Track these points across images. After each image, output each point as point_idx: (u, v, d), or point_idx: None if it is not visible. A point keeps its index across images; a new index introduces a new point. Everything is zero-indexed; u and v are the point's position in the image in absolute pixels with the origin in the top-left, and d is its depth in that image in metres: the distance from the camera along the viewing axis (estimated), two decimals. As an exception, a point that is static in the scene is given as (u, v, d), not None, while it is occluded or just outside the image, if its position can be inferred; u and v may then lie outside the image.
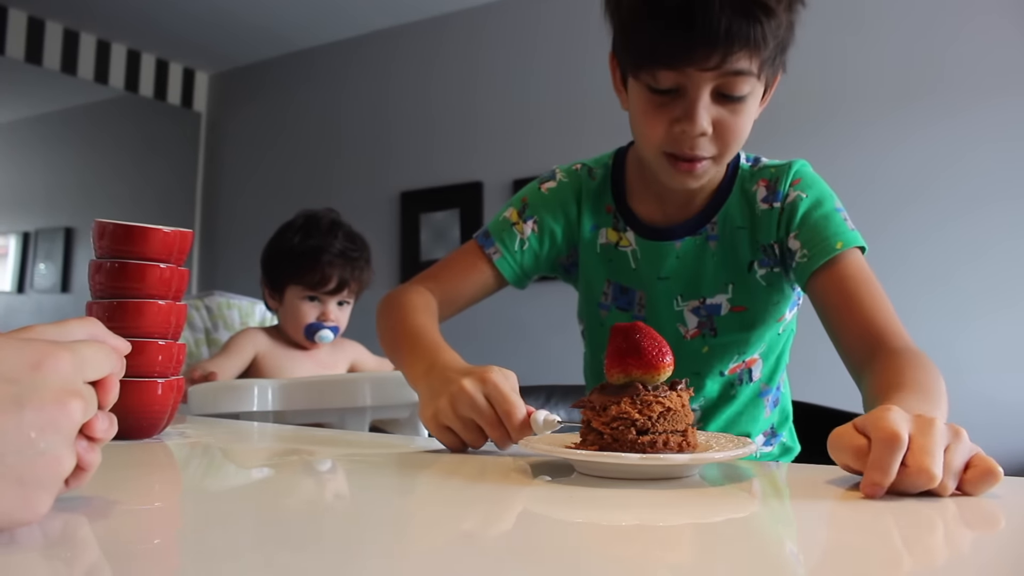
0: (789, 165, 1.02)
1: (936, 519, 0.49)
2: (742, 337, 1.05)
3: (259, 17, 3.81)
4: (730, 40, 0.82)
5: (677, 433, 0.62)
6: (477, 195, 3.56)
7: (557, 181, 1.12)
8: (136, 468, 0.67)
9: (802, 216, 0.97)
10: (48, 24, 3.79)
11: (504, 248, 1.07)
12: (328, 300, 1.74)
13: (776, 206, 0.99)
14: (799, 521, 0.51)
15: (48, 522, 0.41)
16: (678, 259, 1.04)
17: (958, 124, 2.61)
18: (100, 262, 0.81)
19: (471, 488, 0.60)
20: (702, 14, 0.81)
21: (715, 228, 1.03)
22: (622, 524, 0.48)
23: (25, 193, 4.06)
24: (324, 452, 0.82)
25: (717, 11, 0.81)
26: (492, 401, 0.72)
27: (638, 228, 1.06)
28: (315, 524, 0.47)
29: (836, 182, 1.05)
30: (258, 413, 1.29)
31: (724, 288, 1.04)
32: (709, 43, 0.83)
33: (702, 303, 1.04)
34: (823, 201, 0.98)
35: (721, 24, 0.81)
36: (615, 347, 0.63)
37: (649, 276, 1.06)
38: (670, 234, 1.04)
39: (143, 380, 0.80)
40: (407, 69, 3.84)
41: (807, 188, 0.99)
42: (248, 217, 4.20)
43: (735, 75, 0.86)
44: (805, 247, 0.96)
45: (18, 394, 0.36)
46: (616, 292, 1.08)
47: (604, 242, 1.09)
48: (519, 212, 1.09)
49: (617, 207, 1.08)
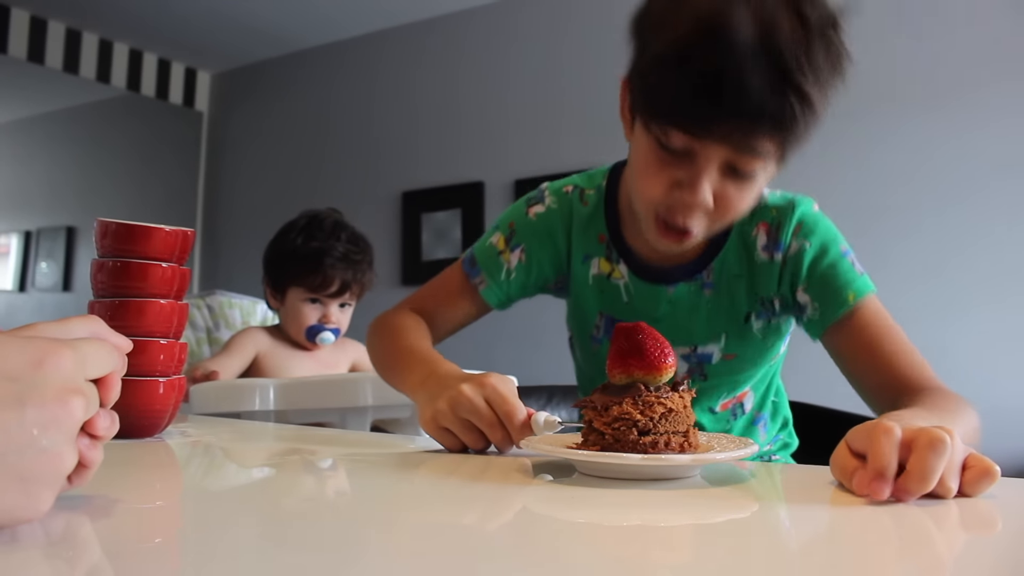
0: (792, 207, 0.95)
1: (936, 521, 0.49)
2: (732, 380, 1.03)
3: (261, 17, 3.81)
4: (757, 122, 0.75)
5: (679, 434, 0.62)
6: (479, 195, 3.56)
7: (546, 206, 1.05)
8: (137, 467, 0.67)
9: (808, 268, 0.92)
10: (50, 23, 3.79)
11: (490, 278, 1.04)
12: (330, 303, 1.74)
13: (778, 258, 0.94)
14: (800, 522, 0.51)
15: (49, 520, 0.41)
16: (670, 304, 0.99)
17: (950, 117, 2.61)
18: (102, 261, 0.82)
19: (472, 488, 0.60)
20: (733, 88, 0.73)
21: (711, 275, 0.98)
22: (623, 524, 0.48)
23: (27, 192, 4.06)
24: (325, 452, 0.82)
25: (749, 87, 0.72)
26: (492, 404, 0.72)
27: (632, 264, 1.01)
28: (316, 523, 0.47)
29: (832, 176, 1.04)
30: (260, 412, 1.29)
31: (717, 338, 0.99)
32: (734, 119, 0.75)
33: (693, 351, 1.00)
34: (828, 248, 0.93)
35: (752, 103, 0.73)
36: (617, 347, 0.63)
37: (642, 315, 1.00)
38: (664, 276, 0.99)
39: (145, 379, 0.80)
40: (409, 69, 3.84)
41: (810, 235, 0.93)
42: (250, 216, 4.20)
43: (746, 154, 0.79)
44: (816, 301, 0.92)
45: (20, 392, 0.36)
46: (608, 325, 1.04)
47: (596, 272, 1.03)
48: (506, 239, 1.05)
49: (611, 237, 1.02)
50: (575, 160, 3.30)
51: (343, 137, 4.01)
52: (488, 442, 0.74)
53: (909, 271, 2.61)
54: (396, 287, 3.73)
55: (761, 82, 0.72)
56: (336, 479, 0.66)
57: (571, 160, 3.31)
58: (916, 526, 0.48)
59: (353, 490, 0.61)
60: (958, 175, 2.60)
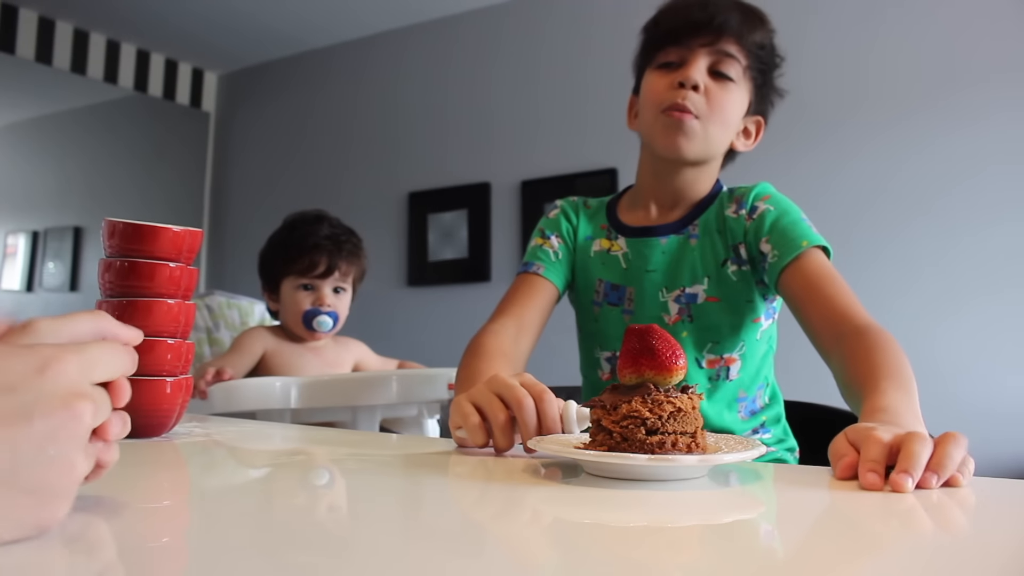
0: (755, 185, 1.17)
1: (943, 525, 0.49)
2: (716, 323, 1.15)
3: (268, 17, 3.82)
4: (721, 28, 1.10)
5: (686, 435, 0.62)
6: (485, 196, 3.56)
7: (560, 208, 1.29)
8: (145, 467, 0.67)
9: (771, 224, 1.11)
10: (58, 24, 3.81)
11: (544, 263, 1.22)
12: (321, 285, 1.76)
13: (742, 214, 1.15)
14: (807, 523, 0.50)
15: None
16: (663, 253, 1.18)
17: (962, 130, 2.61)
18: (110, 261, 0.82)
19: (478, 488, 0.60)
20: (702, 10, 1.10)
21: (696, 229, 1.18)
22: (630, 525, 0.48)
23: (34, 192, 4.08)
24: (331, 452, 0.82)
25: (714, 9, 1.10)
26: (527, 386, 0.74)
27: (628, 233, 1.22)
28: (323, 523, 0.47)
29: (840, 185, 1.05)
30: (275, 411, 1.30)
31: (701, 280, 1.16)
32: (705, 26, 1.10)
33: (682, 292, 1.16)
34: (789, 211, 1.12)
35: (716, 17, 1.10)
36: (629, 348, 0.63)
37: (638, 271, 1.19)
38: (657, 232, 1.20)
39: (152, 379, 0.80)
40: (415, 70, 3.85)
41: (770, 200, 1.14)
42: (256, 217, 4.21)
43: (725, 56, 1.11)
44: (775, 248, 1.08)
45: (25, 403, 0.35)
46: (608, 289, 1.21)
47: (598, 249, 1.24)
48: (541, 237, 1.26)
49: (610, 223, 1.25)
50: (581, 161, 3.30)
51: (350, 137, 4.02)
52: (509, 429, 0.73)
53: (904, 271, 2.61)
54: (402, 287, 3.73)
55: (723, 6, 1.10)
56: (343, 479, 0.66)
57: (577, 161, 3.31)
58: (925, 528, 0.47)
59: (360, 490, 0.61)
60: (952, 173, 2.59)
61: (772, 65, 1.18)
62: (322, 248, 1.75)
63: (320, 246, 1.75)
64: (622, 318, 1.18)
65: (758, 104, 1.18)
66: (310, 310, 1.74)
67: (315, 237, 1.76)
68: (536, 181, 3.42)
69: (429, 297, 3.67)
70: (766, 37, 1.15)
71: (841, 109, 2.80)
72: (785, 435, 1.20)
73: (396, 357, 2.01)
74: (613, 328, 1.19)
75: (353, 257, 1.81)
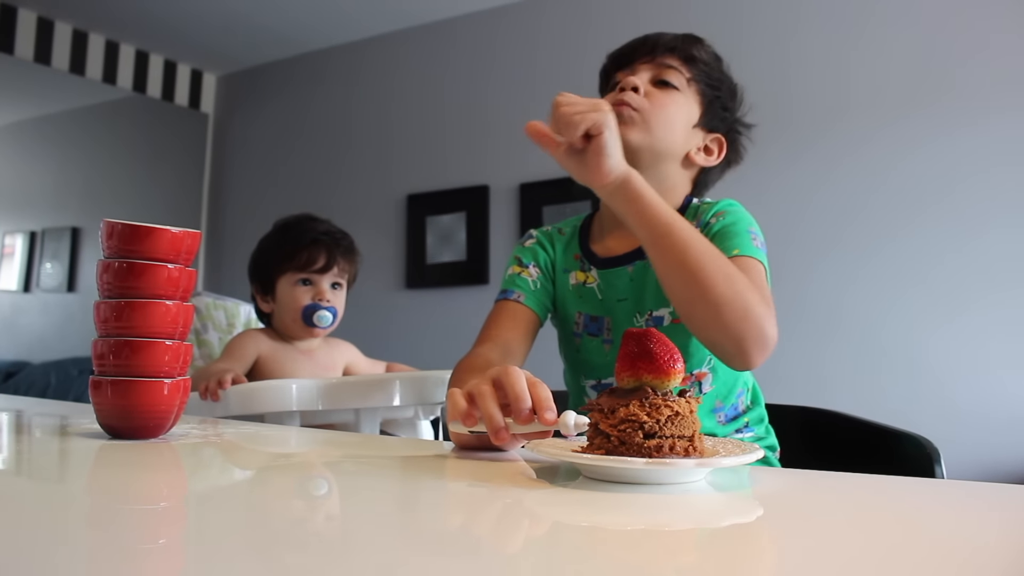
0: (718, 202, 1.19)
1: (944, 527, 0.49)
2: (682, 343, 1.13)
3: (267, 19, 3.82)
4: (659, 46, 1.19)
5: (684, 438, 0.62)
6: (483, 198, 3.56)
7: (535, 239, 1.32)
8: (142, 468, 0.67)
9: (716, 230, 1.12)
10: (57, 24, 3.81)
11: (524, 291, 1.23)
12: (320, 280, 1.76)
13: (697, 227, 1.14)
14: (805, 527, 0.50)
15: (54, 520, 0.41)
16: (631, 280, 1.19)
17: (959, 134, 2.61)
18: (108, 262, 0.82)
19: (476, 490, 0.60)
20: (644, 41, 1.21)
21: None
22: (628, 528, 0.48)
23: (32, 193, 4.07)
24: (329, 453, 0.82)
25: (655, 37, 1.20)
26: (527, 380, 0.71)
27: (599, 264, 1.23)
28: (320, 525, 0.47)
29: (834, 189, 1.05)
30: (284, 413, 1.32)
31: (666, 303, 1.16)
32: (648, 49, 1.20)
33: (650, 316, 1.17)
34: (736, 222, 1.13)
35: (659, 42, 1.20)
36: (627, 351, 0.63)
37: (611, 301, 1.20)
38: (624, 260, 1.21)
39: (150, 380, 0.80)
40: (414, 72, 3.85)
41: (725, 215, 1.15)
42: (255, 218, 4.21)
43: (665, 67, 1.18)
44: None
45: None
46: (587, 321, 1.22)
47: (574, 283, 1.25)
48: (519, 265, 1.27)
49: (584, 254, 1.27)
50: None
51: (349, 139, 4.02)
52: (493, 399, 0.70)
53: (900, 275, 2.61)
54: (400, 289, 3.73)
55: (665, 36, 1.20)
56: (340, 481, 0.66)
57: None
58: (923, 532, 0.48)
59: (358, 492, 0.61)
60: (947, 177, 2.60)
61: (721, 82, 1.22)
62: (321, 243, 1.76)
63: (319, 241, 1.77)
64: (603, 348, 1.20)
65: (710, 119, 1.20)
66: (310, 305, 1.74)
67: (313, 233, 1.78)
68: (534, 184, 3.43)
69: (427, 299, 3.67)
70: (706, 54, 1.21)
71: (833, 114, 2.81)
72: (767, 434, 1.21)
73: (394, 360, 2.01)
74: (596, 357, 1.20)
75: (350, 254, 1.82)
